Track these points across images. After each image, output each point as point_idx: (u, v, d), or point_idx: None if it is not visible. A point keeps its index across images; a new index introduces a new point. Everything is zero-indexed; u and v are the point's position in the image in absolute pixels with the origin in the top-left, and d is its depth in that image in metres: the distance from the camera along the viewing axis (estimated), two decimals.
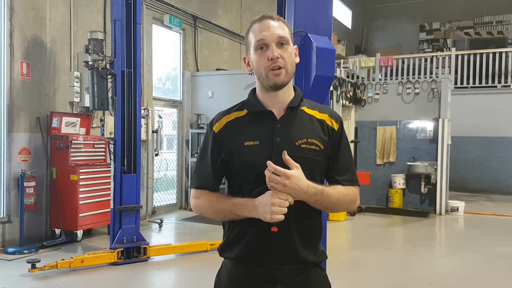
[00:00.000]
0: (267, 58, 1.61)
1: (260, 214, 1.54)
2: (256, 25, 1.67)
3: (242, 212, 1.59)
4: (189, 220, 8.26)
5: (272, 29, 1.63)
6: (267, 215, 1.51)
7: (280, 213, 1.51)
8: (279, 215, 1.51)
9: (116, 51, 5.52)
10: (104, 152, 6.94)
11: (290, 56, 1.65)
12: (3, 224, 6.01)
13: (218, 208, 1.66)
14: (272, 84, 1.63)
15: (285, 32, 1.65)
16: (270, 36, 1.62)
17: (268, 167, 1.52)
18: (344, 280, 5.00)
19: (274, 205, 1.50)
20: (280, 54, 1.61)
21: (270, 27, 1.63)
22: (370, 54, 14.72)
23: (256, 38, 1.64)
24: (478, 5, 17.11)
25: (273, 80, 1.62)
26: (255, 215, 1.55)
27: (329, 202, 1.63)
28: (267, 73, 1.62)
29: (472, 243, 7.20)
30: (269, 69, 1.62)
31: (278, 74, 1.62)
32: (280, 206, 1.51)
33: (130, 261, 5.50)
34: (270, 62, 1.61)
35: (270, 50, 1.61)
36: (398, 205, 9.77)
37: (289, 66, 1.64)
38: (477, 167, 12.57)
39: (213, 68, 10.13)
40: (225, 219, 1.71)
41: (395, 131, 10.08)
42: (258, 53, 1.64)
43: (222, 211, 1.65)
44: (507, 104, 12.02)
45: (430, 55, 12.86)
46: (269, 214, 1.51)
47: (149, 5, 8.35)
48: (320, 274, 1.74)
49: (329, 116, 1.72)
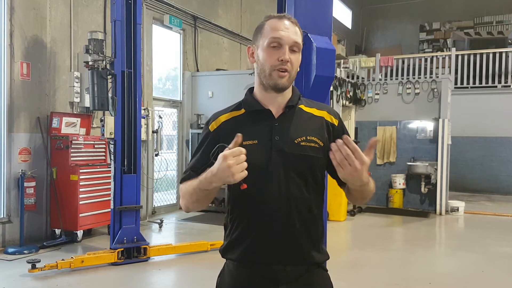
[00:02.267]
0: (277, 57, 1.59)
1: (224, 179, 1.45)
2: (274, 21, 1.64)
3: (208, 185, 1.52)
4: (189, 220, 8.26)
5: (291, 31, 1.61)
6: (230, 178, 1.43)
7: (240, 170, 1.43)
8: (242, 172, 1.43)
9: (116, 51, 5.52)
10: (104, 152, 6.94)
11: (297, 63, 1.65)
12: (3, 224, 6.01)
13: (190, 190, 1.61)
14: (273, 84, 1.62)
15: (300, 39, 1.65)
16: (287, 37, 1.60)
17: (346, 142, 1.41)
18: (344, 280, 5.00)
19: (231, 167, 1.42)
20: (291, 58, 1.60)
21: (289, 28, 1.62)
22: (370, 54, 14.72)
23: (273, 34, 1.61)
24: (478, 5, 17.11)
25: (275, 80, 1.61)
26: (220, 182, 1.48)
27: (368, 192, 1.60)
28: (271, 72, 1.60)
29: (472, 243, 7.20)
30: (275, 68, 1.60)
31: (282, 76, 1.60)
32: (238, 164, 1.43)
33: (130, 261, 5.50)
34: (278, 63, 1.59)
35: (283, 51, 1.59)
36: (398, 205, 9.77)
37: (294, 72, 1.64)
38: (477, 167, 12.57)
39: (213, 68, 10.13)
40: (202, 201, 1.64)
41: (395, 131, 10.08)
42: (269, 50, 1.61)
43: (193, 191, 1.59)
44: (507, 104, 12.02)
45: (430, 55, 12.86)
46: (232, 176, 1.43)
47: (149, 5, 8.36)
48: (323, 275, 1.73)
49: (327, 112, 1.72)
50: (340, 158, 1.43)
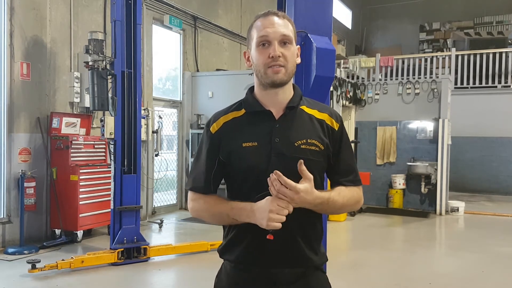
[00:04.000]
0: (268, 55, 1.57)
1: (258, 220, 1.49)
2: (260, 20, 1.62)
3: (240, 217, 1.55)
4: (189, 221, 8.26)
5: (276, 26, 1.58)
6: (263, 222, 1.46)
7: (277, 221, 1.45)
8: (276, 222, 1.46)
9: (116, 51, 5.52)
10: (104, 153, 6.94)
11: (292, 55, 1.61)
12: (3, 224, 6.01)
13: (215, 211, 1.62)
14: (269, 82, 1.59)
15: (289, 31, 1.61)
16: (273, 33, 1.57)
17: (277, 177, 1.44)
18: (344, 281, 5.00)
19: (272, 212, 1.45)
20: (282, 52, 1.57)
21: (274, 24, 1.59)
22: (370, 54, 14.71)
23: (258, 33, 1.59)
24: (478, 5, 17.10)
25: (271, 77, 1.58)
26: (253, 220, 1.51)
27: (334, 208, 1.62)
28: (266, 70, 1.58)
29: (472, 243, 7.20)
30: (268, 66, 1.58)
31: (277, 72, 1.58)
32: (279, 214, 1.45)
33: (130, 262, 5.50)
34: (270, 60, 1.57)
35: (272, 47, 1.57)
36: (398, 205, 9.76)
37: (290, 65, 1.60)
38: (477, 167, 12.56)
39: (213, 68, 10.13)
40: (221, 223, 1.67)
41: (395, 131, 10.08)
42: (260, 49, 1.59)
43: (219, 214, 1.61)
44: (507, 104, 12.01)
45: (430, 55, 12.86)
46: (266, 220, 1.46)
47: (149, 6, 8.36)
48: (321, 277, 1.71)
49: (329, 115, 1.68)
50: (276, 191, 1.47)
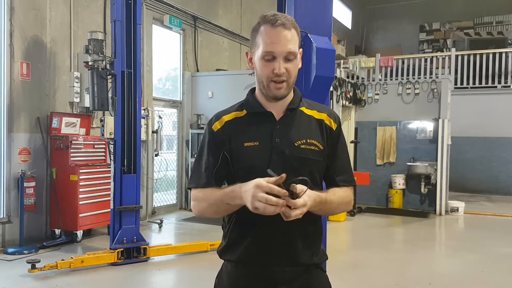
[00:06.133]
0: (272, 69, 1.58)
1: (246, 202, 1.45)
2: (267, 28, 1.58)
3: (233, 200, 1.53)
4: (189, 221, 8.26)
5: (283, 42, 1.56)
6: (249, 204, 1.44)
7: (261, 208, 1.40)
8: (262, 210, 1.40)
9: (116, 51, 5.52)
10: (104, 153, 6.93)
11: (295, 68, 1.62)
12: (3, 224, 6.01)
13: (211, 200, 1.62)
14: (272, 95, 1.62)
15: (296, 46, 1.60)
16: (280, 51, 1.56)
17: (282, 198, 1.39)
18: (344, 281, 5.00)
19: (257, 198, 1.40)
20: (286, 68, 1.58)
21: (281, 39, 1.56)
22: (370, 54, 14.71)
23: (264, 48, 1.57)
24: (478, 5, 17.09)
25: (273, 92, 1.61)
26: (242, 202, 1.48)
27: (330, 209, 1.64)
28: (269, 83, 1.60)
29: (472, 243, 7.20)
30: (271, 80, 1.59)
31: (279, 88, 1.60)
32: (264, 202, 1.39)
33: (130, 262, 5.50)
34: (274, 75, 1.58)
35: (277, 63, 1.57)
36: (398, 205, 9.76)
37: (292, 79, 1.62)
38: (477, 167, 12.56)
39: (213, 68, 10.13)
40: (220, 213, 1.65)
41: (395, 132, 10.08)
42: (264, 62, 1.59)
43: (215, 202, 1.60)
44: (507, 104, 12.02)
45: (430, 55, 12.85)
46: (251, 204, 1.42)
47: (149, 6, 8.36)
48: (321, 276, 1.73)
49: (327, 115, 1.72)
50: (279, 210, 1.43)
